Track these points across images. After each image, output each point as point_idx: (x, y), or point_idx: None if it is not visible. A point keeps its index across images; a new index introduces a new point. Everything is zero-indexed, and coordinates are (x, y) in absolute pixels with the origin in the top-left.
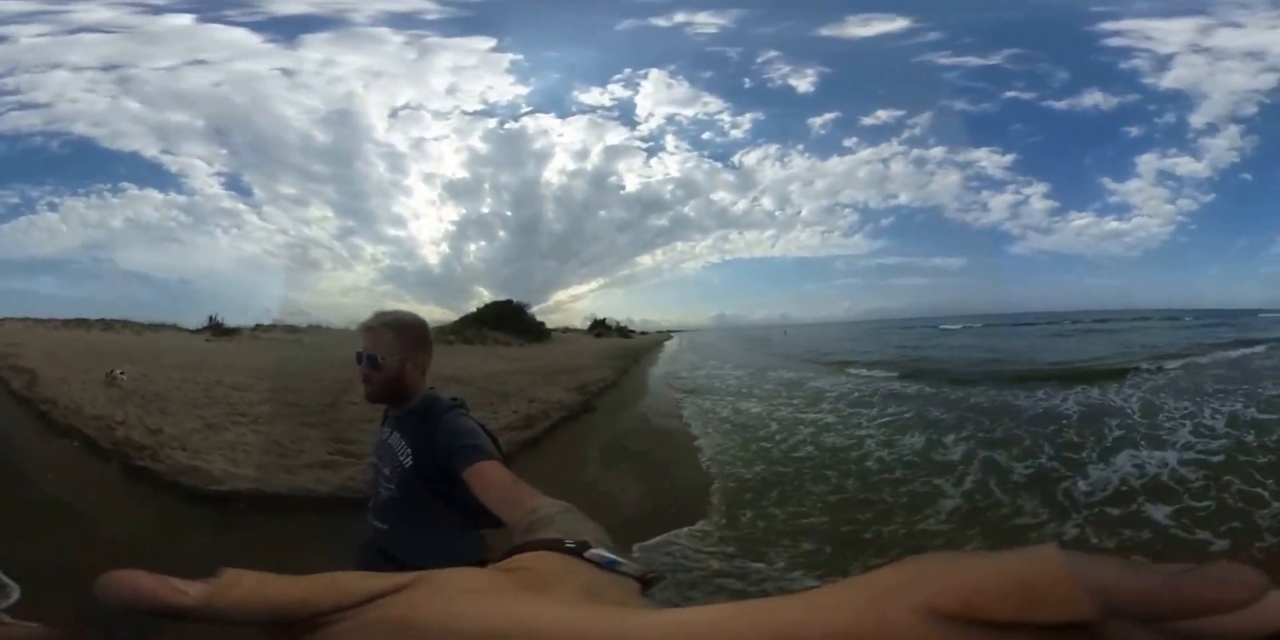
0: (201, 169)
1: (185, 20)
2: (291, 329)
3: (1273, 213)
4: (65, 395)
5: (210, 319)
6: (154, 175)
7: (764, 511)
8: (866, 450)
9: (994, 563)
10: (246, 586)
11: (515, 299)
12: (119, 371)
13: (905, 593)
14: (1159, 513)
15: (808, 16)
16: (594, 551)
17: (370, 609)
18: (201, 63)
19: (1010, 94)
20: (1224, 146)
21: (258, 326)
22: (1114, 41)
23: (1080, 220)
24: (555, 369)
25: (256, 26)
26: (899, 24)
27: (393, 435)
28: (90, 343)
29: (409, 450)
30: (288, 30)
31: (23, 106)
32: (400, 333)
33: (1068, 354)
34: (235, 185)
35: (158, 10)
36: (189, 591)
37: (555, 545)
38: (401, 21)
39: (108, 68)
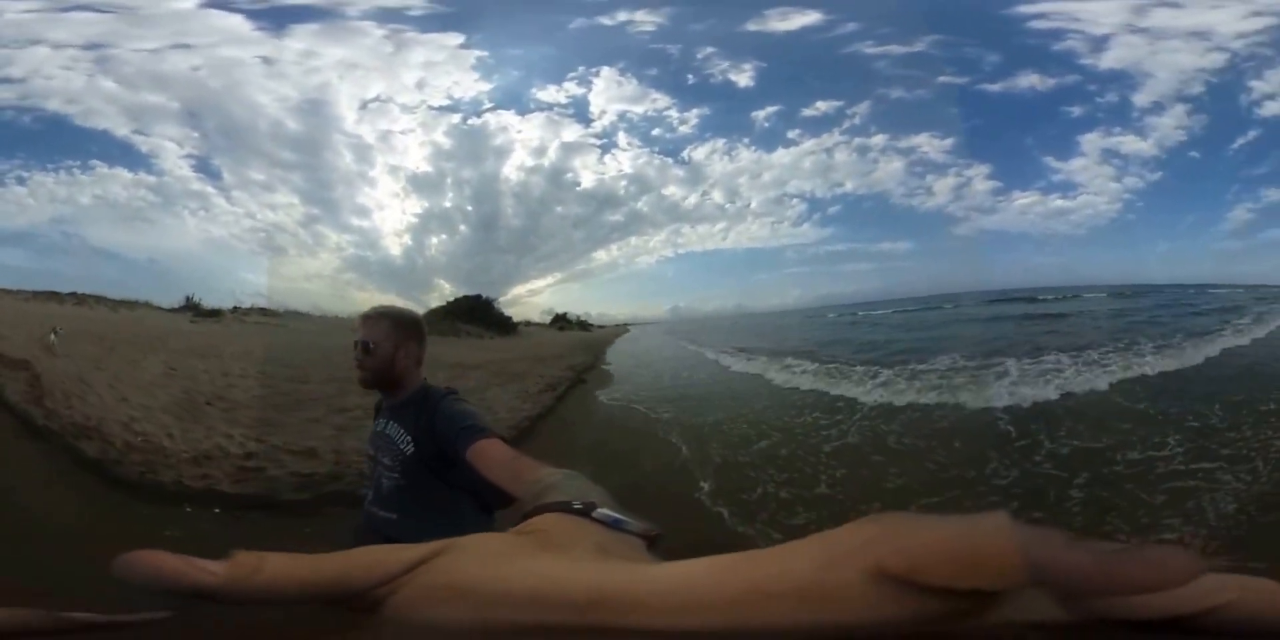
0: (172, 150)
1: (187, 3)
2: (268, 313)
3: (1221, 190)
4: (104, 414)
5: (187, 299)
6: (124, 154)
7: None
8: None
9: (945, 527)
10: (278, 565)
11: (475, 292)
12: (58, 329)
13: (860, 553)
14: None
15: (731, 13)
16: (601, 511)
17: (413, 579)
18: (186, 46)
19: (943, 79)
20: (1171, 125)
21: (236, 309)
22: (1039, 24)
23: (1024, 199)
24: (540, 356)
25: (253, 14)
26: (813, 17)
27: (389, 425)
28: (74, 320)
29: (409, 438)
30: (279, 19)
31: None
32: (395, 323)
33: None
34: (205, 168)
35: None
36: (216, 571)
37: (565, 507)
38: (387, 16)
39: (89, 47)
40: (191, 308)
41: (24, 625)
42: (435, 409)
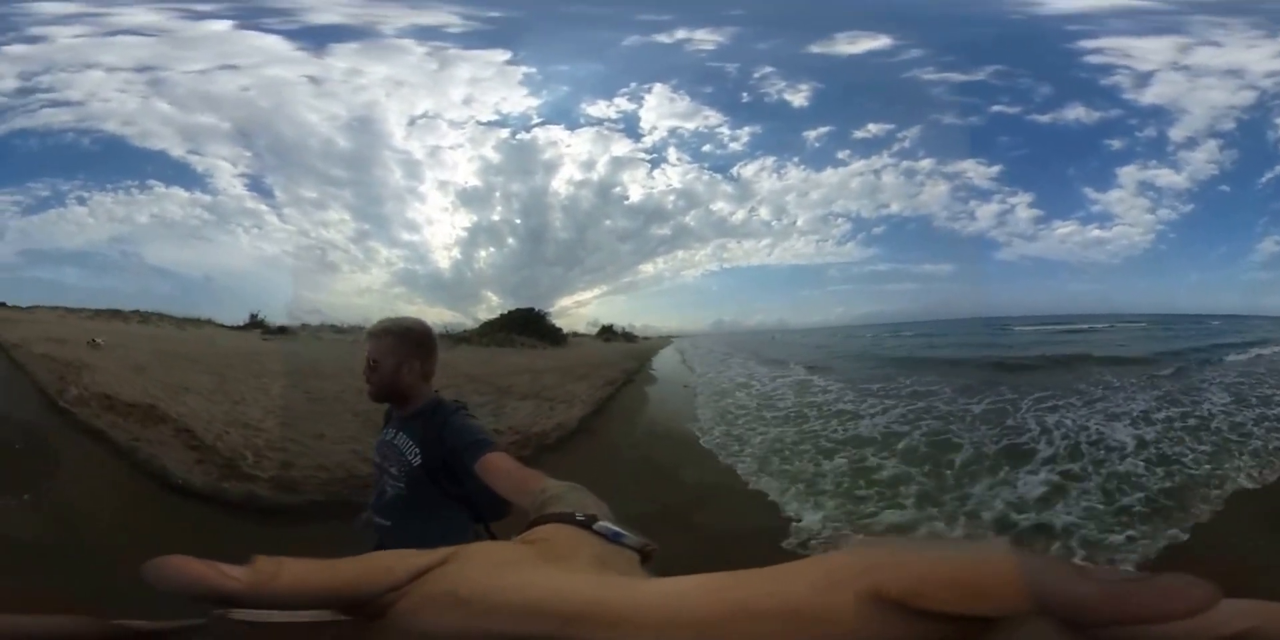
0: (226, 169)
1: (223, 26)
2: (338, 329)
3: (1250, 223)
4: (332, 460)
5: (252, 317)
6: (180, 174)
7: None
8: None
9: (945, 553)
10: (295, 571)
11: (523, 304)
12: (99, 339)
13: (857, 576)
14: None
15: (798, 35)
16: (601, 524)
17: (419, 586)
18: (233, 67)
19: (995, 108)
20: (1203, 159)
21: (305, 326)
22: (1094, 58)
23: (1064, 228)
24: (596, 363)
25: (290, 34)
26: (883, 41)
27: (398, 436)
28: (148, 340)
29: (417, 449)
30: (318, 39)
31: (55, 104)
32: (398, 339)
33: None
34: (258, 186)
35: (199, 16)
36: (238, 577)
37: (567, 518)
38: (426, 34)
39: (141, 69)
40: (258, 325)
41: (74, 632)
42: (444, 422)
